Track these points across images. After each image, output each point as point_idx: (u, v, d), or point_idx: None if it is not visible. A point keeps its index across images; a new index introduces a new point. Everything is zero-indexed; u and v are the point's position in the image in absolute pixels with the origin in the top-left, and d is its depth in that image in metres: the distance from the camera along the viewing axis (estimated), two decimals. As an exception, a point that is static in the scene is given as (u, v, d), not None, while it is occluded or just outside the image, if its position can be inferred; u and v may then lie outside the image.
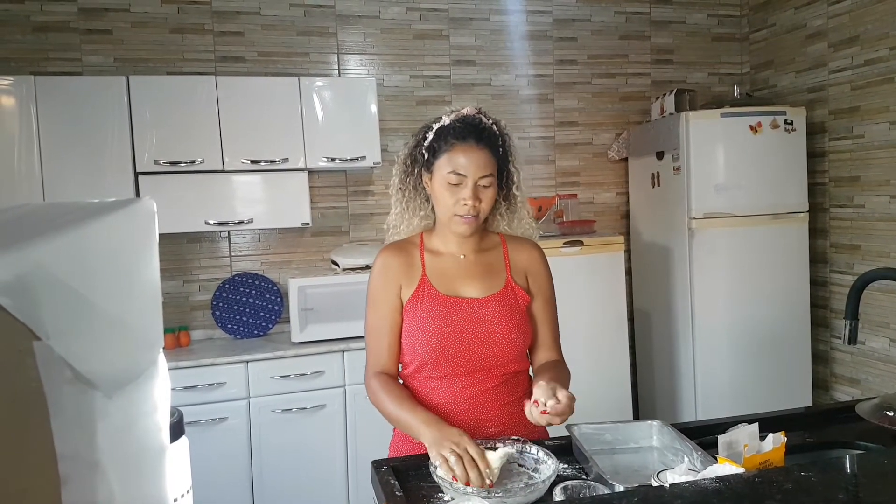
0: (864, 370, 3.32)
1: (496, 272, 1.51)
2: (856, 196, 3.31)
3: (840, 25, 3.32)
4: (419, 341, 1.42)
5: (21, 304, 0.35)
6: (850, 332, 1.54)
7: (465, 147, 1.41)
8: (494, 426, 1.43)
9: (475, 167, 1.40)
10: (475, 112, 1.49)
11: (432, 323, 1.42)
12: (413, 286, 1.46)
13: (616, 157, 3.84)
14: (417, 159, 1.49)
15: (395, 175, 1.55)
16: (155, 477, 0.49)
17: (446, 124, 1.46)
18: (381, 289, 1.48)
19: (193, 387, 2.78)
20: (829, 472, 1.02)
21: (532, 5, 3.71)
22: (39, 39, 3.09)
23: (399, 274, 1.47)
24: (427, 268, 1.48)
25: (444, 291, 1.45)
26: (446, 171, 1.41)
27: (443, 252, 1.51)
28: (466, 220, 1.42)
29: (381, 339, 1.48)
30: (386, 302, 1.47)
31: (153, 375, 0.48)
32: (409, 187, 1.52)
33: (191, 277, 3.30)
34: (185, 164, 2.94)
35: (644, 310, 3.77)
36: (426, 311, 1.43)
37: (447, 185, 1.41)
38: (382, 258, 1.50)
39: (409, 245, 1.52)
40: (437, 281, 1.47)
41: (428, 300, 1.44)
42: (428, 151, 1.46)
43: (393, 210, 1.56)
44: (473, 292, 1.47)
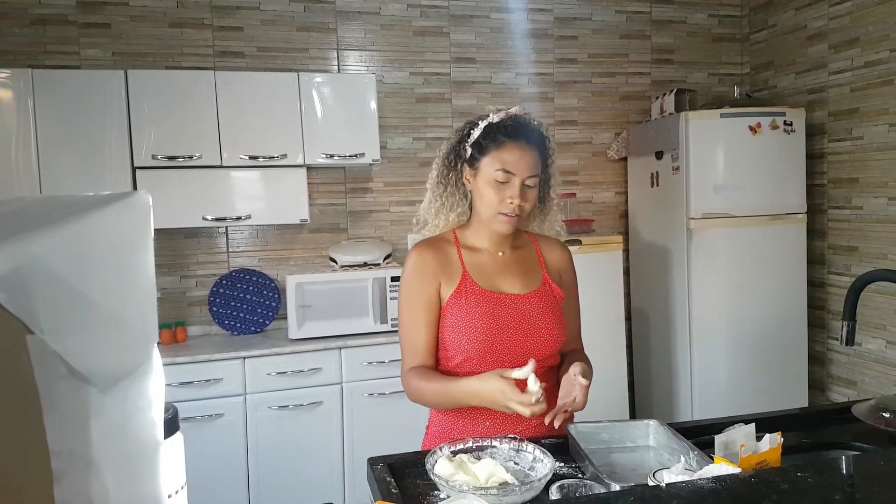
0: (860, 371, 3.32)
1: (533, 269, 1.53)
2: (854, 198, 3.31)
3: (840, 27, 3.32)
4: (466, 336, 1.43)
5: (15, 298, 0.35)
6: (848, 333, 1.54)
7: (515, 146, 1.42)
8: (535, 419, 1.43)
9: (524, 166, 1.41)
10: (523, 112, 1.50)
11: (479, 319, 1.43)
12: (454, 283, 1.47)
13: (615, 157, 3.84)
14: (461, 155, 1.49)
15: (434, 169, 1.55)
16: (149, 473, 0.48)
17: (496, 122, 1.46)
18: (418, 286, 1.47)
19: (190, 383, 2.77)
20: (825, 472, 1.02)
21: (533, 3, 3.71)
22: (37, 32, 3.08)
23: (437, 270, 1.47)
24: (466, 265, 1.49)
25: (485, 287, 1.47)
26: (494, 169, 1.42)
27: (480, 248, 1.52)
28: (509, 219, 1.43)
29: (418, 335, 1.47)
30: (424, 298, 1.47)
31: (148, 371, 0.48)
32: (449, 183, 1.51)
33: (188, 273, 3.30)
34: (184, 159, 2.93)
35: (642, 309, 3.77)
36: (472, 307, 1.44)
37: (494, 182, 1.42)
38: (418, 255, 1.49)
39: (443, 242, 1.52)
40: (478, 277, 1.48)
41: (472, 296, 1.45)
42: (474, 148, 1.46)
43: (429, 204, 1.56)
44: (514, 288, 1.48)
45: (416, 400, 1.47)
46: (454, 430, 1.46)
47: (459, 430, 1.46)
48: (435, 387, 1.41)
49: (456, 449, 1.27)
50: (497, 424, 1.43)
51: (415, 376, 1.44)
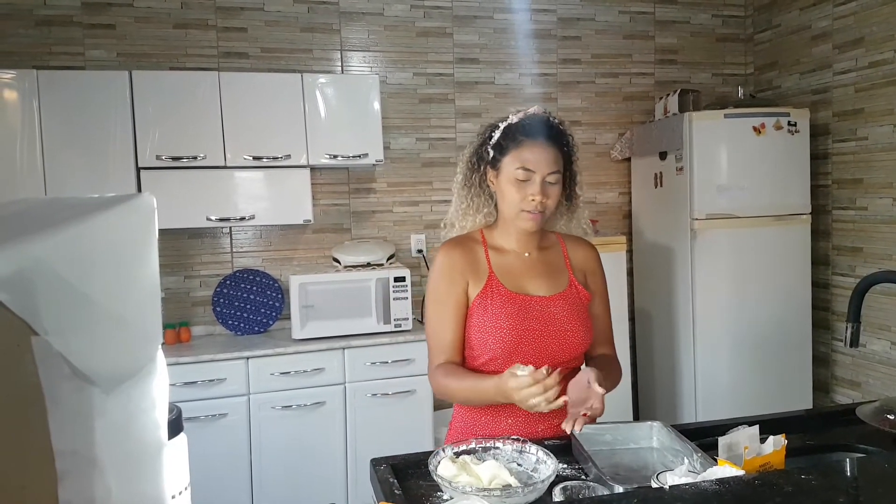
0: (864, 373, 3.31)
1: (559, 271, 1.54)
2: (858, 198, 3.30)
3: (845, 27, 3.31)
4: (492, 337, 1.43)
5: (20, 300, 0.35)
6: (852, 334, 1.53)
7: (534, 143, 1.44)
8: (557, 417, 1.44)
9: (544, 163, 1.43)
10: (543, 111, 1.52)
11: (505, 320, 1.43)
12: (481, 283, 1.47)
13: (619, 157, 3.83)
14: (483, 157, 1.51)
15: (458, 172, 1.57)
16: (152, 474, 0.48)
17: (514, 122, 1.48)
18: (446, 284, 1.48)
19: (193, 383, 2.78)
20: (829, 475, 1.02)
21: (536, 4, 3.70)
22: (42, 33, 3.09)
23: (465, 270, 1.48)
24: (493, 265, 1.50)
25: (511, 289, 1.47)
26: (514, 167, 1.43)
27: (507, 249, 1.53)
28: (533, 216, 1.44)
29: (446, 334, 1.48)
30: (452, 297, 1.47)
31: (152, 372, 0.48)
32: (474, 184, 1.53)
33: (192, 273, 3.30)
34: (188, 160, 2.94)
35: (645, 310, 3.76)
36: (498, 309, 1.45)
37: (515, 180, 1.43)
38: (446, 254, 1.50)
39: (471, 241, 1.54)
40: (505, 278, 1.48)
41: (498, 297, 1.46)
42: (495, 149, 1.48)
43: (455, 207, 1.58)
44: (540, 290, 1.49)
45: (443, 396, 1.49)
46: (477, 426, 1.48)
47: (482, 426, 1.47)
48: (463, 384, 1.42)
49: (459, 450, 1.27)
50: (518, 423, 1.45)
51: (442, 373, 1.45)
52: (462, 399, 1.46)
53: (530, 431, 1.43)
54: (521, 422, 1.45)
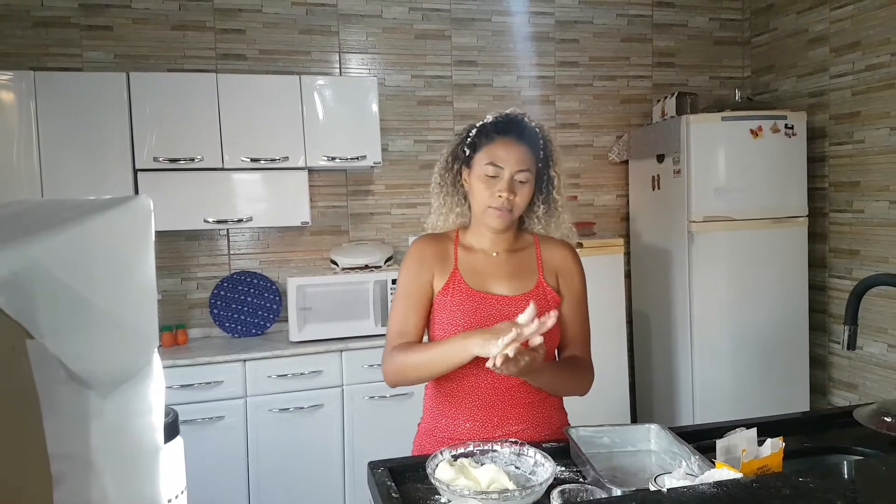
0: (861, 375, 3.32)
1: (528, 272, 1.52)
2: (855, 201, 3.31)
3: (841, 30, 3.32)
4: (448, 334, 1.43)
5: (15, 302, 0.35)
6: (850, 337, 1.54)
7: (505, 141, 1.45)
8: (518, 423, 1.45)
9: (513, 160, 1.43)
10: (520, 112, 1.52)
11: (462, 317, 1.43)
12: (445, 277, 1.48)
13: (616, 160, 3.84)
14: (458, 156, 1.52)
15: (435, 172, 1.58)
16: (149, 477, 0.48)
17: (489, 121, 1.50)
18: (414, 273, 1.49)
19: (190, 385, 2.77)
20: (827, 477, 1.02)
21: (534, 7, 3.71)
22: (40, 35, 3.09)
23: (433, 262, 1.49)
24: (459, 262, 1.50)
25: (474, 287, 1.47)
26: (484, 164, 1.44)
27: (476, 248, 1.53)
28: (500, 214, 1.43)
29: (407, 320, 1.47)
30: (417, 287, 1.48)
31: (148, 375, 0.48)
32: (447, 183, 1.54)
33: (189, 275, 3.30)
34: (185, 162, 2.94)
35: (643, 312, 3.77)
36: (456, 305, 1.45)
37: (484, 177, 1.44)
38: (418, 246, 1.52)
39: (445, 238, 1.55)
40: (469, 276, 1.48)
41: (458, 294, 1.46)
42: (469, 147, 1.50)
43: (432, 206, 1.59)
44: (504, 290, 1.48)
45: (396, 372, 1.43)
46: (437, 429, 1.48)
47: (442, 429, 1.47)
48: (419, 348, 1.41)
49: (457, 453, 1.27)
50: (476, 427, 1.43)
51: (398, 350, 1.43)
52: (416, 363, 1.39)
53: (486, 435, 1.42)
54: (479, 427, 1.43)
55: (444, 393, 1.47)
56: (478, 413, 1.43)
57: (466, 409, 1.44)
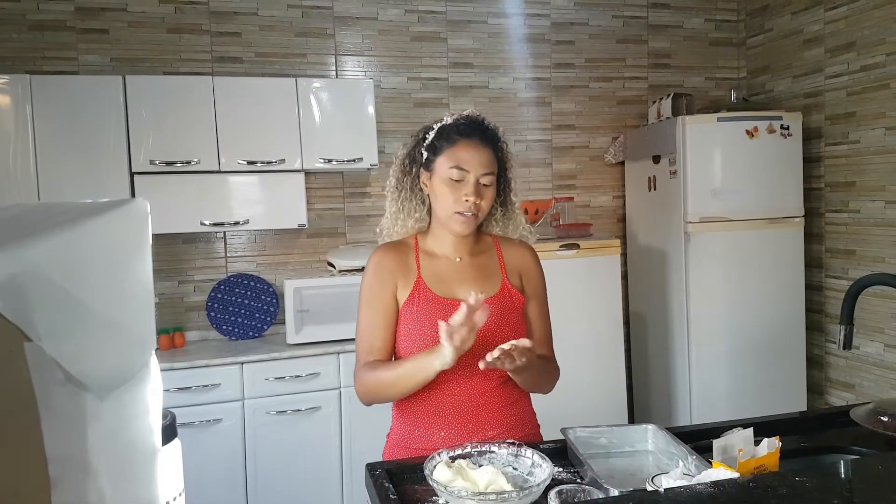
0: (858, 375, 3.33)
1: (492, 275, 1.50)
2: (851, 201, 3.32)
3: (836, 31, 3.34)
4: (416, 344, 1.41)
5: (12, 305, 0.35)
6: (846, 337, 1.54)
7: (468, 143, 1.42)
8: (493, 428, 1.43)
9: (478, 164, 1.41)
10: (477, 113, 1.50)
11: (429, 326, 1.40)
12: (409, 288, 1.45)
13: (613, 161, 3.85)
14: (416, 159, 1.49)
15: (391, 176, 1.54)
16: (146, 480, 0.48)
17: (449, 123, 1.46)
18: (376, 288, 1.47)
19: (188, 388, 2.77)
20: (823, 477, 1.02)
21: (530, 9, 3.72)
22: (36, 38, 3.08)
23: (395, 274, 1.46)
24: (422, 270, 1.47)
25: (440, 294, 1.44)
26: (448, 167, 1.41)
27: (438, 254, 1.50)
28: (466, 220, 1.42)
29: (374, 336, 1.45)
30: (381, 300, 1.46)
31: (145, 377, 0.48)
32: (405, 188, 1.50)
33: (186, 278, 3.29)
34: (182, 165, 2.94)
35: (640, 313, 3.77)
36: (423, 314, 1.42)
37: (449, 181, 1.41)
38: (377, 258, 1.49)
39: (404, 246, 1.51)
40: (433, 283, 1.46)
41: (424, 303, 1.43)
42: (428, 150, 1.46)
43: (388, 212, 1.55)
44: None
45: (368, 392, 1.43)
46: (411, 439, 1.45)
47: (416, 439, 1.44)
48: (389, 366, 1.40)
49: (455, 454, 1.27)
50: (452, 435, 1.41)
51: (369, 368, 1.42)
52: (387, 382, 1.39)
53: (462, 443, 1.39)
54: (455, 434, 1.41)
55: (415, 403, 1.44)
56: (452, 421, 1.41)
57: (440, 418, 1.41)
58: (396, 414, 1.51)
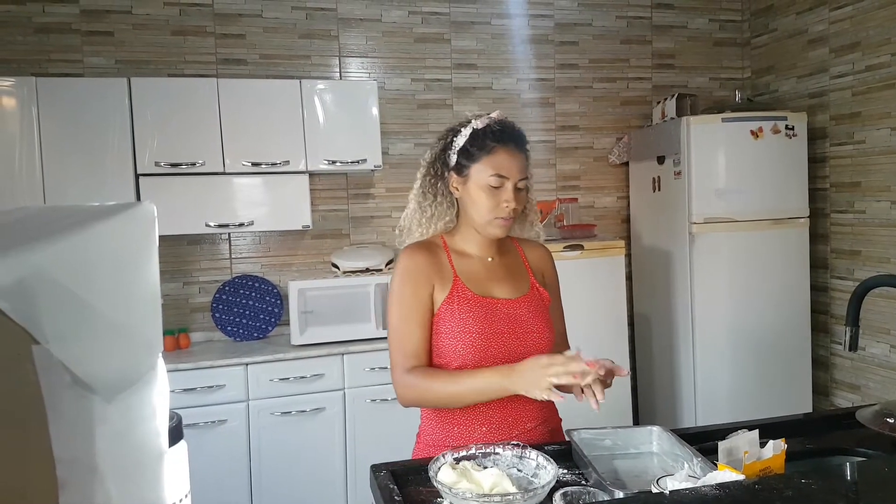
0: (864, 376, 3.31)
1: (520, 274, 1.54)
2: (856, 202, 3.31)
3: (841, 31, 3.33)
4: (462, 342, 1.42)
5: (20, 308, 0.35)
6: (851, 338, 1.54)
7: (506, 150, 1.44)
8: (531, 421, 1.47)
9: (516, 170, 1.44)
10: (505, 117, 1.51)
11: (474, 324, 1.42)
12: (446, 287, 1.46)
13: (617, 162, 3.84)
14: (447, 163, 1.50)
15: (418, 179, 1.55)
16: (153, 481, 0.48)
17: (481, 127, 1.46)
18: (412, 288, 1.45)
19: (193, 389, 2.77)
20: (829, 479, 1.02)
21: (534, 9, 3.72)
22: (41, 41, 3.10)
23: (431, 274, 1.46)
24: (457, 270, 1.49)
25: (477, 293, 1.46)
26: (488, 174, 1.43)
27: (470, 254, 1.52)
28: (505, 223, 1.45)
29: (414, 337, 1.44)
30: (418, 302, 1.45)
31: (152, 380, 0.48)
32: (437, 191, 1.51)
33: (191, 279, 3.30)
34: (186, 166, 2.94)
35: (644, 314, 3.76)
36: (465, 313, 1.43)
37: (488, 187, 1.43)
38: (410, 257, 1.48)
39: (434, 246, 1.52)
40: (470, 282, 1.48)
41: (465, 302, 1.44)
42: (461, 155, 1.47)
43: (411, 213, 1.56)
44: (505, 293, 1.49)
45: (417, 399, 1.43)
46: (449, 437, 1.45)
47: (454, 437, 1.44)
48: (451, 380, 1.37)
49: (459, 456, 1.27)
50: (493, 430, 1.43)
51: (420, 375, 1.40)
52: (444, 395, 1.38)
53: (505, 438, 1.42)
54: (496, 429, 1.42)
55: None
56: (493, 415, 1.43)
57: (480, 414, 1.43)
58: (430, 412, 1.51)
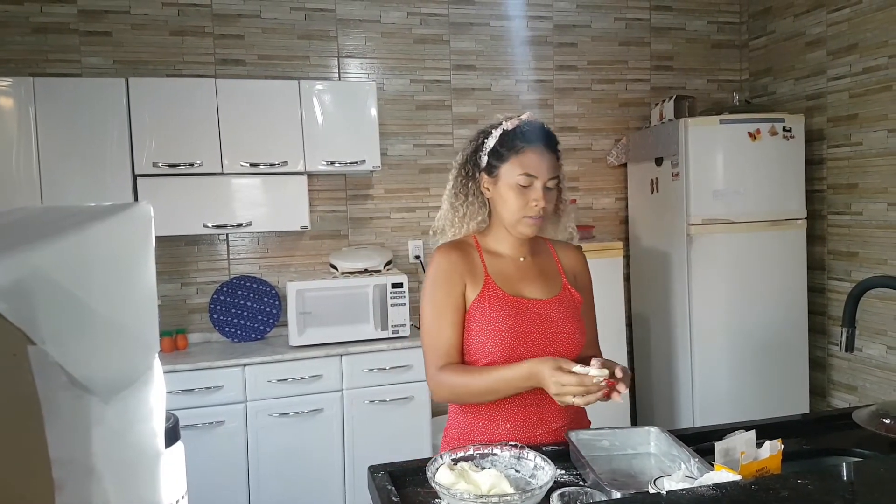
0: (861, 377, 3.32)
1: (552, 275, 1.55)
2: (854, 203, 3.32)
3: (839, 33, 3.33)
4: (491, 341, 1.43)
5: (17, 309, 0.35)
6: (848, 339, 1.54)
7: (535, 150, 1.46)
8: (557, 421, 1.47)
9: (545, 169, 1.45)
10: (535, 118, 1.53)
11: (504, 323, 1.44)
12: (478, 286, 1.48)
13: (615, 163, 3.85)
14: (478, 164, 1.52)
15: (450, 180, 1.58)
16: (150, 482, 0.48)
17: (510, 129, 1.49)
18: (445, 286, 1.47)
19: (190, 390, 2.77)
20: (825, 479, 1.02)
21: (532, 11, 3.72)
22: (39, 41, 3.09)
23: (463, 272, 1.48)
24: (489, 269, 1.50)
25: (508, 292, 1.48)
26: (517, 174, 1.45)
27: (502, 254, 1.54)
28: (534, 221, 1.46)
29: (446, 336, 1.46)
30: (451, 299, 1.47)
31: (149, 380, 0.48)
32: (470, 192, 1.54)
33: (189, 280, 3.30)
34: (184, 167, 2.94)
35: (642, 315, 3.77)
36: (496, 312, 1.45)
37: (517, 187, 1.45)
38: (444, 258, 1.50)
39: (466, 245, 1.54)
40: (501, 282, 1.49)
41: (495, 301, 1.46)
42: (491, 156, 1.49)
43: (444, 214, 1.58)
44: (536, 294, 1.50)
45: (450, 396, 1.46)
46: (474, 431, 1.47)
47: (479, 431, 1.46)
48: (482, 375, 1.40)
49: (457, 457, 1.27)
50: (517, 427, 1.44)
51: (451, 371, 1.43)
52: (478, 391, 1.41)
53: (528, 436, 1.43)
54: (520, 426, 1.44)
55: None
56: (518, 413, 1.44)
57: (506, 411, 1.44)
58: (457, 408, 1.53)
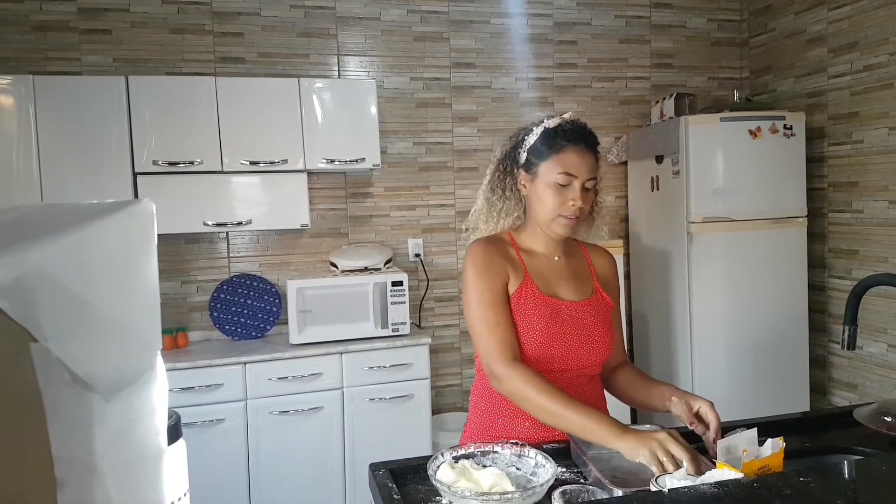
0: (862, 375, 3.32)
1: (585, 277, 1.55)
2: (854, 201, 3.32)
3: (840, 31, 3.33)
4: (525, 338, 1.42)
5: (19, 307, 0.35)
6: (849, 337, 1.54)
7: (575, 149, 1.44)
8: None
9: (585, 169, 1.44)
10: (577, 117, 1.51)
11: (539, 322, 1.43)
12: (517, 282, 1.46)
13: (615, 161, 3.84)
14: (516, 160, 1.51)
15: (487, 175, 1.57)
16: (152, 480, 0.48)
17: (552, 127, 1.47)
18: (491, 277, 1.44)
19: (191, 388, 2.77)
20: (827, 477, 1.02)
21: (532, 8, 3.72)
22: (38, 39, 3.09)
23: (505, 265, 1.47)
24: (527, 266, 1.50)
25: (544, 291, 1.47)
26: (556, 172, 1.43)
27: (537, 252, 1.53)
28: (569, 221, 1.45)
29: (503, 326, 1.40)
30: (500, 292, 1.44)
31: (151, 378, 0.48)
32: (506, 188, 1.53)
33: (189, 278, 3.30)
34: (184, 165, 2.94)
35: (642, 313, 3.77)
36: (532, 310, 1.44)
37: (555, 185, 1.43)
38: (484, 250, 1.47)
39: (502, 241, 1.53)
40: (538, 280, 1.48)
41: (532, 299, 1.45)
42: (531, 153, 1.48)
43: (479, 209, 1.58)
44: (570, 295, 1.50)
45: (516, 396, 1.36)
46: (493, 427, 1.47)
47: (499, 427, 1.46)
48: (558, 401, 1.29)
49: (458, 454, 1.27)
50: (536, 425, 1.43)
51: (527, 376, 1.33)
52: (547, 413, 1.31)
53: (547, 434, 1.43)
54: (539, 424, 1.41)
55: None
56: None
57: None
58: (480, 403, 1.52)
